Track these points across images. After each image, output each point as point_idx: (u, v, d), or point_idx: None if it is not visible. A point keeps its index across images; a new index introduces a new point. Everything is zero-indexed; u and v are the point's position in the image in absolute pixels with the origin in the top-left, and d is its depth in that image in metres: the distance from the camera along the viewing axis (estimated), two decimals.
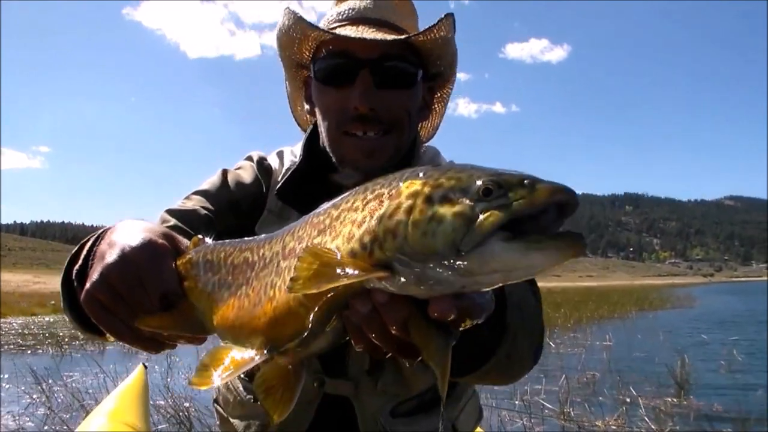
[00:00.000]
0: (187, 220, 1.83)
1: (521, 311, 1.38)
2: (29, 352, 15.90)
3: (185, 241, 1.36)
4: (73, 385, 9.93)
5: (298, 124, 2.23)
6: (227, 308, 1.16)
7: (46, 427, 7.80)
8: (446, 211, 0.84)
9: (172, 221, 1.82)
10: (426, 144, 2.16)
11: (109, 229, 1.37)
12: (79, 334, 1.58)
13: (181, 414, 7.32)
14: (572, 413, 7.48)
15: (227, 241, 1.29)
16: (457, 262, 0.82)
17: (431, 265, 0.84)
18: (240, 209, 1.95)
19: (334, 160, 1.85)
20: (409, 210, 0.86)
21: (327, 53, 1.80)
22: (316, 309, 0.96)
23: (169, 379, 10.62)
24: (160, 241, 1.26)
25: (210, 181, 2.01)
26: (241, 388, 2.02)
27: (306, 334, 0.99)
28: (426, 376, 1.88)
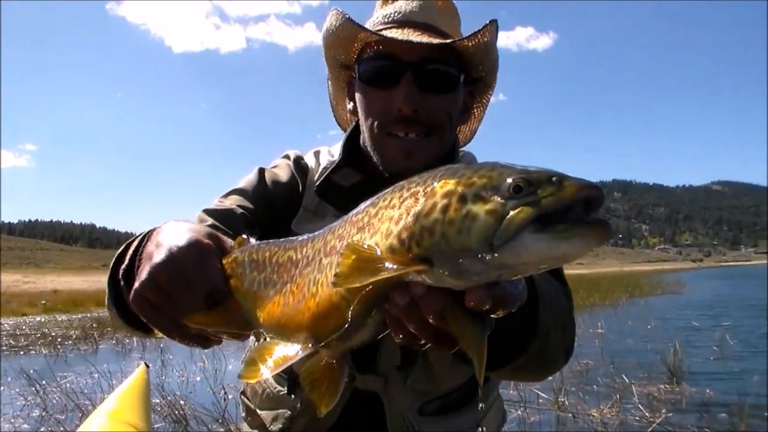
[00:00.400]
0: (224, 220, 1.86)
1: (554, 311, 1.45)
2: (22, 353, 15.81)
3: (230, 241, 1.40)
4: (68, 385, 9.89)
5: (338, 123, 2.26)
6: (273, 305, 1.20)
7: (42, 429, 7.79)
8: (479, 208, 0.88)
9: (210, 221, 1.85)
10: (463, 149, 2.18)
11: (155, 229, 1.41)
12: (125, 331, 1.63)
13: (177, 412, 7.33)
14: (567, 402, 7.54)
15: (271, 240, 1.32)
16: (491, 256, 0.86)
17: (466, 259, 0.88)
18: (276, 207, 1.97)
19: (374, 159, 1.88)
20: (445, 208, 0.91)
21: (372, 55, 1.83)
22: (357, 302, 1.00)
23: (164, 377, 10.67)
24: (206, 240, 1.30)
25: (247, 179, 2.04)
26: (271, 381, 2.04)
27: (347, 327, 1.04)
28: (454, 374, 1.91)
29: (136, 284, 1.24)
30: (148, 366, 4.05)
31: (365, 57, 1.86)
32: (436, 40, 1.77)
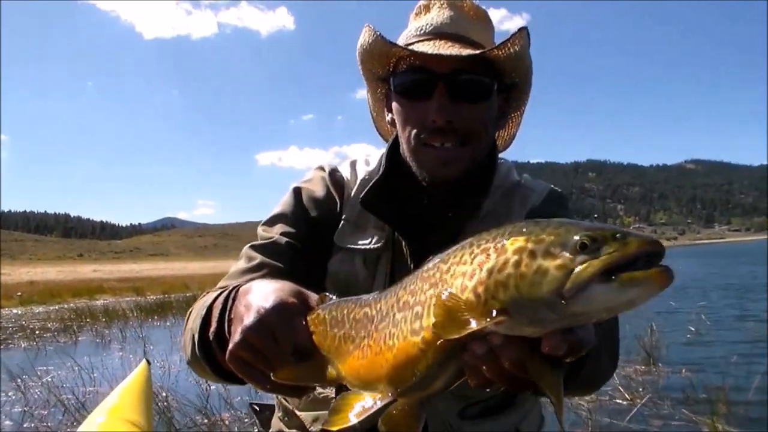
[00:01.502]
0: (272, 255, 1.95)
1: (603, 330, 1.52)
2: (1, 346, 15.72)
3: (314, 296, 1.47)
4: (49, 380, 9.85)
5: (380, 134, 2.29)
6: (353, 359, 1.29)
7: (25, 425, 7.77)
8: (549, 264, 0.96)
9: (259, 258, 1.94)
10: (501, 156, 2.18)
11: (239, 289, 1.53)
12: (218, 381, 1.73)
13: (160, 404, 7.33)
14: None
15: (349, 298, 1.40)
16: (562, 306, 0.94)
17: (540, 309, 0.96)
18: (317, 224, 2.01)
19: (413, 168, 1.91)
20: (517, 264, 0.98)
21: (406, 68, 1.87)
22: (434, 353, 1.09)
23: None
24: (291, 300, 1.40)
25: (285, 202, 2.08)
26: None
27: (424, 377, 1.13)
28: None
29: (231, 345, 1.35)
30: (149, 362, 4.05)
31: (399, 71, 1.90)
32: (465, 52, 1.79)
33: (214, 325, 1.55)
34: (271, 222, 2.05)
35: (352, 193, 2.03)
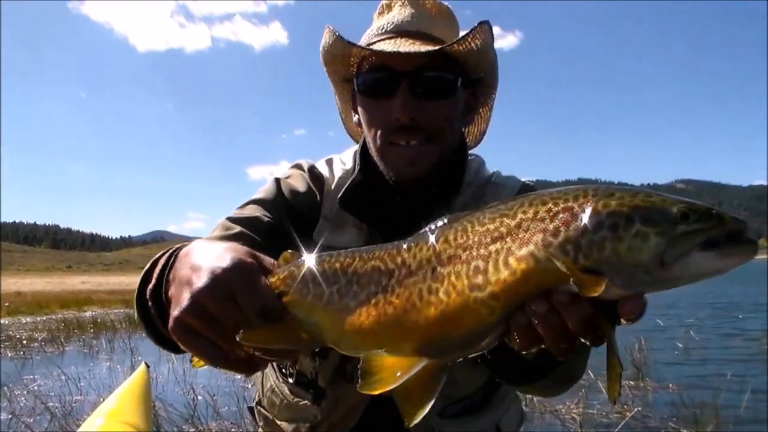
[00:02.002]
0: (251, 228, 1.87)
1: None
2: None
3: (269, 259, 1.35)
4: (36, 388, 9.79)
5: (350, 136, 2.29)
6: (358, 317, 1.20)
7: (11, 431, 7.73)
8: (649, 230, 1.00)
9: (237, 228, 1.85)
10: (471, 152, 2.19)
11: (179, 250, 1.42)
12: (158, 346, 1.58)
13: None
14: (534, 399, 7.61)
15: (331, 252, 1.32)
16: (659, 271, 0.99)
17: (637, 273, 0.99)
18: (297, 217, 1.97)
19: (381, 168, 1.91)
20: (613, 227, 1.00)
21: (368, 68, 1.86)
22: (502, 308, 1.06)
23: None
24: (249, 259, 1.26)
25: (265, 189, 2.05)
26: (287, 391, 2.07)
27: (474, 336, 1.10)
28: (475, 376, 1.96)
29: (176, 312, 1.19)
30: (148, 366, 4.04)
31: (362, 70, 1.89)
32: (425, 48, 1.79)
33: (153, 282, 1.43)
34: (248, 204, 2.00)
35: (331, 191, 2.03)
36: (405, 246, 1.22)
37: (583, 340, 1.07)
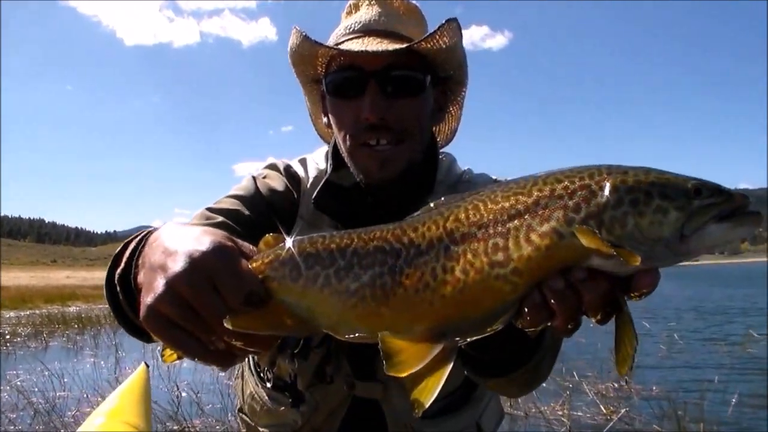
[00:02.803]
0: (232, 219, 1.82)
1: (554, 340, 1.57)
2: None
3: (247, 244, 1.26)
4: (19, 383, 9.74)
5: (321, 137, 2.27)
6: (361, 299, 1.14)
7: None
8: (668, 204, 1.05)
9: (219, 218, 1.80)
10: (443, 150, 2.19)
11: (150, 233, 1.34)
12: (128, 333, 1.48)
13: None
14: (519, 400, 7.63)
15: (322, 234, 1.25)
16: (680, 244, 1.05)
17: (657, 246, 1.04)
18: (276, 215, 1.92)
19: (351, 169, 1.89)
20: (634, 203, 1.05)
21: (336, 68, 1.85)
22: (525, 286, 1.07)
23: (117, 375, 10.57)
24: (229, 243, 1.17)
25: (242, 186, 2.00)
26: (267, 398, 2.06)
27: (491, 315, 1.09)
28: (452, 375, 1.93)
29: (149, 299, 1.10)
30: (148, 366, 4.02)
31: (330, 71, 1.88)
32: (392, 47, 1.78)
33: (121, 266, 1.36)
34: (225, 198, 1.94)
35: (307, 191, 2.01)
36: (410, 226, 1.18)
37: (593, 319, 1.08)
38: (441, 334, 1.10)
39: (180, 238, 1.15)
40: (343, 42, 1.89)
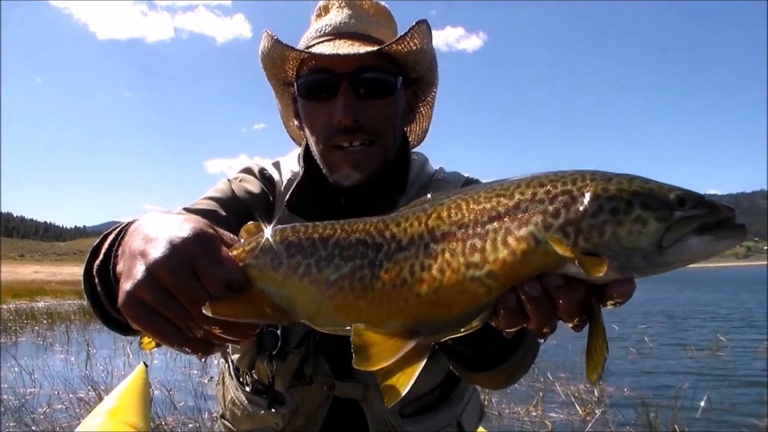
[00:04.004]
0: (210, 219, 1.71)
1: (532, 338, 1.59)
2: None
3: (227, 233, 1.27)
4: None
5: (293, 139, 2.27)
6: (340, 290, 1.15)
7: None
8: (649, 215, 1.03)
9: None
10: (414, 150, 2.20)
11: (130, 224, 1.32)
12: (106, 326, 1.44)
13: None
14: (493, 400, 7.68)
15: (305, 223, 1.26)
16: (657, 256, 1.03)
17: (635, 256, 1.02)
18: (251, 217, 1.84)
19: (324, 171, 1.89)
20: (614, 211, 1.03)
21: (308, 70, 1.85)
22: (498, 290, 1.06)
23: (89, 371, 10.48)
24: (210, 230, 1.17)
25: (217, 189, 2.00)
26: (247, 402, 2.05)
27: (467, 315, 1.09)
28: (430, 374, 1.96)
29: (128, 286, 1.09)
30: (146, 365, 3.99)
31: (302, 73, 1.88)
32: (363, 49, 1.79)
33: (100, 257, 1.35)
34: (201, 200, 1.93)
35: (281, 194, 2.02)
36: (393, 220, 1.19)
37: (569, 324, 1.08)
38: (414, 332, 1.09)
39: (161, 226, 1.15)
40: (314, 45, 1.90)
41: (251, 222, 1.31)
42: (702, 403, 7.76)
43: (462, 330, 1.11)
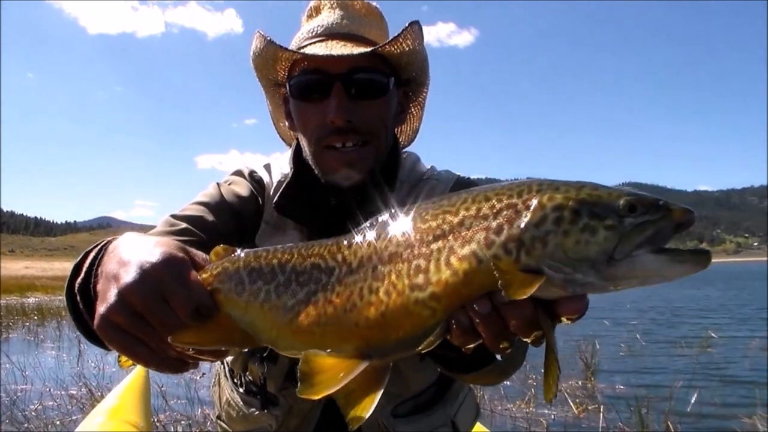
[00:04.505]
0: (196, 225, 1.83)
1: None
2: None
3: (201, 254, 1.31)
4: None
5: (283, 140, 2.27)
6: (296, 316, 1.15)
7: None
8: (597, 223, 0.97)
9: (182, 225, 1.81)
10: (406, 150, 2.21)
11: (109, 243, 1.36)
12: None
13: (96, 403, 7.23)
14: (485, 397, 7.68)
15: (267, 248, 1.28)
16: (606, 268, 0.97)
17: (582, 269, 0.97)
18: (239, 220, 1.94)
19: (316, 172, 1.90)
20: (558, 221, 0.98)
21: (300, 71, 1.85)
22: (444, 311, 1.03)
23: (80, 368, 10.45)
24: (180, 254, 1.20)
25: (206, 193, 2.00)
26: (242, 403, 2.06)
27: (417, 336, 1.05)
28: (423, 375, 1.97)
29: (102, 309, 1.14)
30: None
31: (294, 74, 1.88)
32: (357, 50, 1.80)
33: (81, 275, 1.37)
34: (190, 206, 1.94)
35: (270, 196, 2.02)
36: (345, 242, 1.18)
37: (525, 340, 1.05)
38: (368, 355, 1.08)
39: (134, 249, 1.19)
40: (306, 46, 1.90)
41: (221, 245, 1.32)
42: (693, 400, 7.77)
43: (417, 350, 1.09)
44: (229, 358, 2.06)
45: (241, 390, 2.07)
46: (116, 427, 3.15)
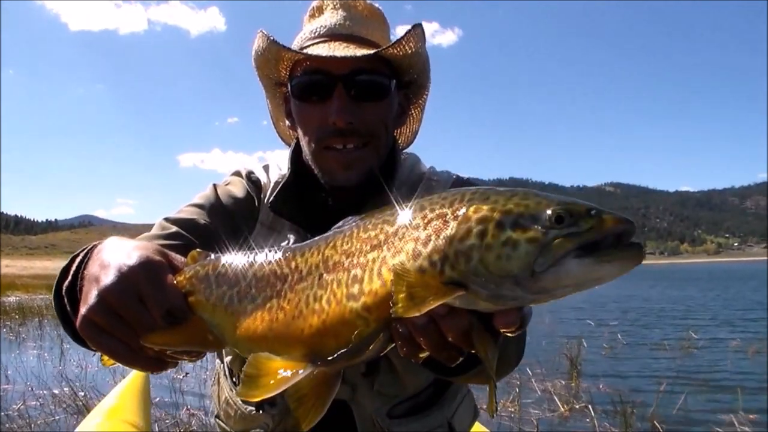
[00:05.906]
0: (188, 229, 1.86)
1: None
2: None
3: (180, 258, 1.35)
4: None
5: (282, 139, 2.27)
6: (253, 321, 1.18)
7: None
8: (519, 236, 0.94)
9: (174, 228, 1.84)
10: (406, 151, 2.21)
11: (95, 247, 1.39)
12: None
13: (78, 403, 7.22)
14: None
15: (239, 254, 1.30)
16: (531, 282, 0.93)
17: (505, 284, 0.94)
18: (234, 222, 1.95)
19: (315, 172, 1.90)
20: (481, 234, 0.95)
21: (302, 71, 1.85)
22: (376, 321, 1.03)
23: (62, 367, 10.39)
24: (157, 257, 1.25)
25: (202, 195, 2.03)
26: (240, 402, 2.06)
27: (357, 345, 1.05)
28: (419, 376, 1.96)
29: (83, 309, 1.19)
30: None
31: (296, 74, 1.88)
32: (360, 52, 1.80)
33: (68, 279, 1.41)
34: (185, 208, 1.97)
35: (266, 197, 2.02)
36: (299, 250, 1.20)
37: (473, 351, 1.03)
38: (314, 361, 1.09)
39: (115, 253, 1.24)
40: (308, 46, 1.90)
41: (196, 249, 1.37)
42: (679, 401, 7.84)
43: (363, 358, 1.09)
44: (228, 358, 2.07)
45: (236, 389, 2.05)
46: (115, 427, 3.14)
